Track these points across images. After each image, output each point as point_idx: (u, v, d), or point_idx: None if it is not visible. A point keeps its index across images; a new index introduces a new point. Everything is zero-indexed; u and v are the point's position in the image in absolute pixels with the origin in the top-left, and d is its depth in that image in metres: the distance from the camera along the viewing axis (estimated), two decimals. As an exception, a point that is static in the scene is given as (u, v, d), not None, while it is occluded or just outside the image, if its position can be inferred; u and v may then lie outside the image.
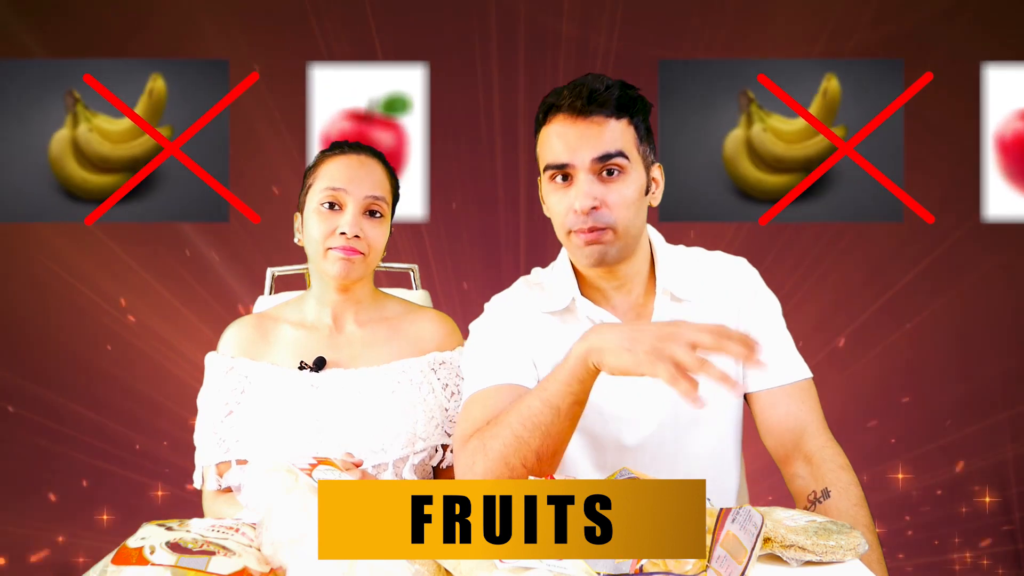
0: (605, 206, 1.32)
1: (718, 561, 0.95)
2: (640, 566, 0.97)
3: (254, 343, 1.53)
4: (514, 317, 1.43)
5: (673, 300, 1.42)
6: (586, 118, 1.33)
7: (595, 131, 1.33)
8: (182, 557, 0.92)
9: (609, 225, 1.32)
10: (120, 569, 0.92)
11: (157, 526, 0.99)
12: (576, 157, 1.32)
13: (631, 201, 1.34)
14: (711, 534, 0.98)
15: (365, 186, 1.48)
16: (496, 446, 1.20)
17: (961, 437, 2.69)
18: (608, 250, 1.33)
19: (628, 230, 1.35)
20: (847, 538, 1.08)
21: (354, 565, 0.92)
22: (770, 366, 1.41)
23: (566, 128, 1.34)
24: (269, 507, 0.99)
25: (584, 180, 1.32)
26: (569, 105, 1.33)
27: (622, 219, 1.33)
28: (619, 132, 1.34)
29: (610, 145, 1.32)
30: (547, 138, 1.37)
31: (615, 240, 1.33)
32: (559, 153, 1.34)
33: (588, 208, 1.31)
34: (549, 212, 1.41)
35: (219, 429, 1.48)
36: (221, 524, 1.02)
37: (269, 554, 0.97)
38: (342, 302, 1.54)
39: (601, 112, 1.33)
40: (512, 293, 1.49)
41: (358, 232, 1.46)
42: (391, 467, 1.45)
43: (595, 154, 1.32)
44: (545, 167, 1.37)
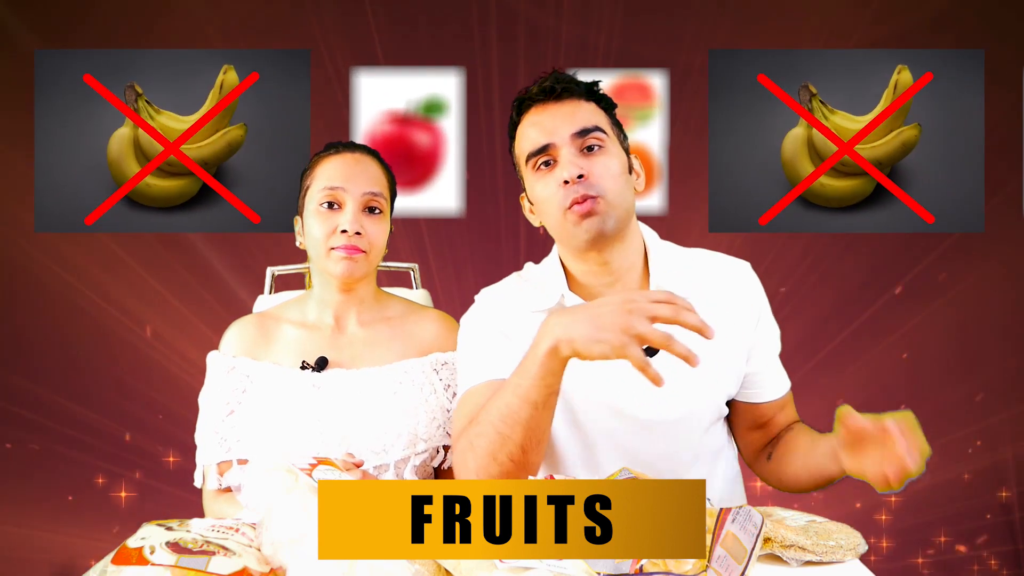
0: (592, 176, 1.33)
1: (718, 561, 0.95)
2: (640, 566, 0.97)
3: (256, 343, 1.53)
4: (502, 312, 1.43)
5: None
6: (558, 101, 1.38)
7: (569, 110, 1.37)
8: (182, 557, 0.92)
9: (599, 194, 1.33)
10: (120, 569, 0.92)
11: (157, 526, 0.99)
12: (555, 136, 1.35)
13: (616, 173, 1.36)
14: (711, 534, 0.98)
15: (362, 183, 1.49)
16: (483, 444, 1.21)
17: (961, 437, 2.69)
18: (605, 221, 1.33)
19: (619, 201, 1.35)
20: (847, 538, 1.08)
21: (354, 565, 0.92)
22: (772, 381, 1.46)
23: (540, 115, 1.38)
24: (269, 507, 0.99)
25: (567, 154, 1.34)
26: (540, 90, 1.38)
27: (611, 188, 1.34)
28: (592, 111, 1.38)
29: (586, 121, 1.36)
30: (523, 131, 1.40)
31: (608, 210, 1.33)
32: (537, 137, 1.37)
33: (575, 176, 1.32)
34: (537, 210, 1.41)
35: (220, 428, 1.48)
36: (221, 524, 1.02)
37: (269, 554, 0.97)
38: (344, 302, 1.54)
39: (572, 95, 1.38)
40: (502, 288, 1.48)
41: (359, 229, 1.46)
42: (392, 468, 1.45)
43: (573, 129, 1.35)
44: (527, 157, 1.38)
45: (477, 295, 1.48)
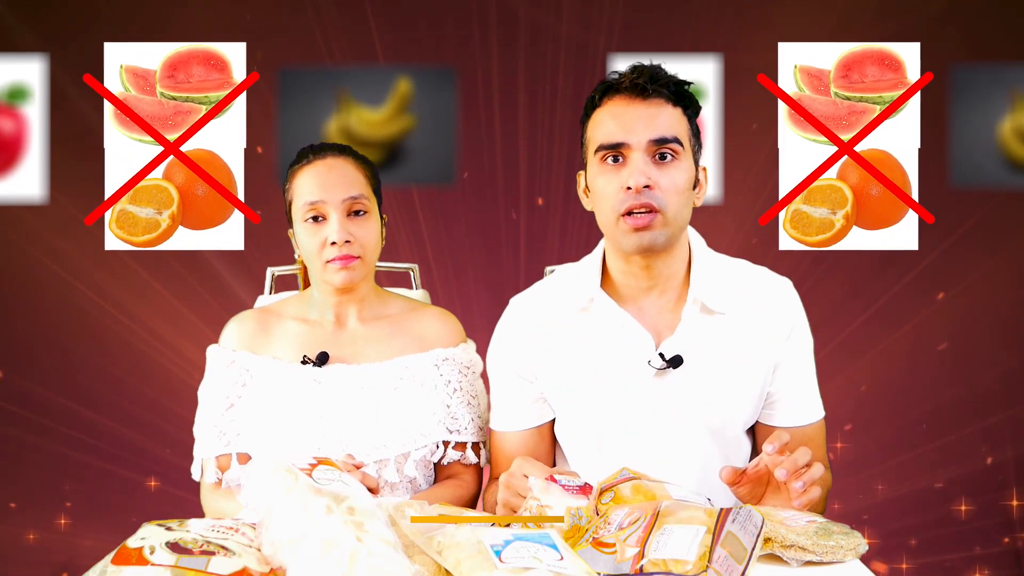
0: (658, 188, 1.31)
1: (718, 561, 0.95)
2: (640, 566, 0.97)
3: (256, 337, 1.53)
4: (528, 328, 1.44)
5: (704, 311, 1.38)
6: (645, 99, 1.33)
7: (653, 112, 1.32)
8: (182, 557, 0.92)
9: (660, 208, 1.30)
10: (120, 569, 0.92)
11: (157, 526, 0.98)
12: (632, 137, 1.31)
13: (683, 188, 1.33)
14: (711, 534, 0.98)
15: (340, 190, 1.47)
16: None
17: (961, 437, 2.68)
18: (657, 237, 1.31)
19: (677, 218, 1.33)
20: (847, 538, 1.08)
21: (354, 565, 0.92)
22: (794, 405, 1.41)
23: (623, 108, 1.33)
24: (269, 507, 0.99)
25: (639, 159, 1.31)
26: (631, 83, 1.33)
27: (673, 204, 1.32)
28: (676, 119, 1.34)
29: (667, 129, 1.32)
30: (601, 119, 1.35)
31: (664, 226, 1.31)
32: (613, 132, 1.33)
33: (641, 186, 1.29)
34: (593, 199, 1.39)
35: (219, 422, 1.48)
36: (221, 524, 1.02)
37: (269, 554, 0.97)
38: (345, 301, 1.54)
39: (660, 95, 1.33)
40: (532, 294, 1.48)
41: (347, 237, 1.46)
42: (392, 462, 1.46)
43: (652, 136, 1.31)
44: (597, 148, 1.35)
45: (512, 299, 1.49)
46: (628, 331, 1.38)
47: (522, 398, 1.45)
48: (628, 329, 1.38)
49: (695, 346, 1.37)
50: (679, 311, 1.38)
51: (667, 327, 1.38)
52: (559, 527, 1.08)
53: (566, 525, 1.10)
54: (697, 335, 1.37)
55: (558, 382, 1.43)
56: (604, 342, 1.40)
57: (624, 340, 1.39)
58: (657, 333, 1.38)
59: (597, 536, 1.04)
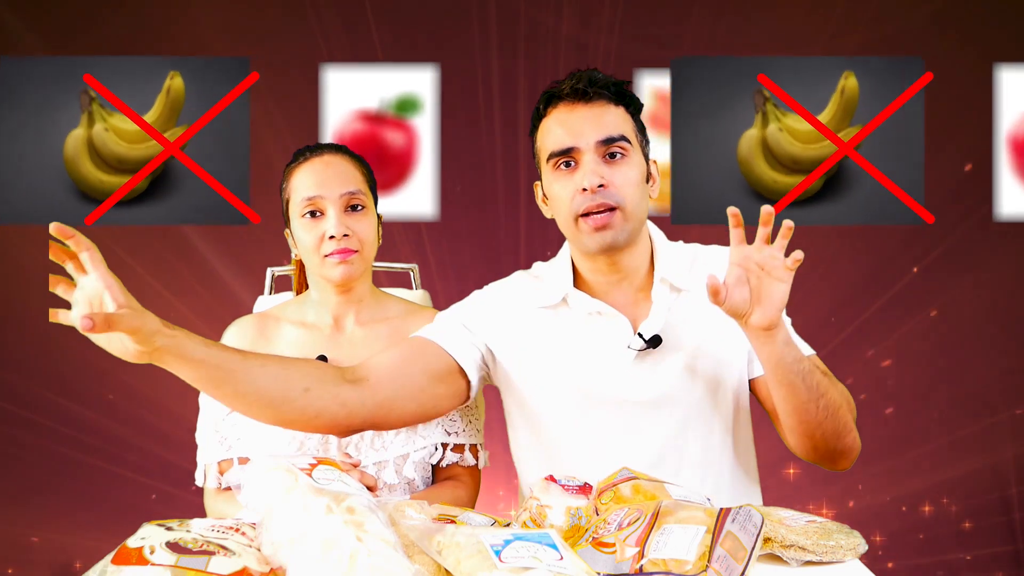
0: (612, 186, 1.34)
1: (718, 561, 0.95)
2: (640, 566, 0.97)
3: (255, 342, 1.53)
4: (495, 307, 1.45)
5: (672, 290, 1.43)
6: (587, 103, 1.37)
7: (597, 114, 1.37)
8: (182, 557, 0.92)
9: (618, 204, 1.34)
10: (120, 569, 0.92)
11: (157, 526, 0.99)
12: (580, 140, 1.36)
13: (636, 183, 1.37)
14: (711, 534, 0.98)
15: (338, 185, 1.48)
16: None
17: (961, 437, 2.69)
18: (618, 235, 1.35)
19: (636, 212, 1.37)
20: (847, 538, 1.08)
21: (354, 565, 0.92)
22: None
23: (568, 114, 1.38)
24: (269, 507, 0.99)
25: (590, 160, 1.35)
26: (571, 89, 1.38)
27: (629, 198, 1.35)
28: (620, 117, 1.39)
29: (613, 129, 1.37)
30: (548, 127, 1.40)
31: (624, 223, 1.35)
32: (562, 138, 1.37)
33: (596, 186, 1.33)
34: (552, 206, 1.42)
35: (220, 427, 1.48)
36: (221, 524, 1.02)
37: (269, 554, 0.97)
38: (343, 303, 1.54)
39: (602, 97, 1.38)
40: (508, 284, 1.50)
41: (346, 231, 1.46)
42: (391, 464, 1.46)
43: (599, 136, 1.36)
44: (549, 156, 1.39)
45: (487, 284, 1.50)
46: (605, 318, 1.42)
47: (459, 335, 1.42)
48: (605, 316, 1.41)
49: (670, 324, 1.41)
50: (650, 296, 1.42)
51: (642, 313, 1.42)
52: (558, 527, 1.08)
53: (566, 525, 1.10)
54: (670, 314, 1.41)
55: (533, 375, 1.44)
56: (583, 332, 1.43)
57: (603, 327, 1.42)
58: (633, 318, 1.42)
59: (597, 536, 1.04)
